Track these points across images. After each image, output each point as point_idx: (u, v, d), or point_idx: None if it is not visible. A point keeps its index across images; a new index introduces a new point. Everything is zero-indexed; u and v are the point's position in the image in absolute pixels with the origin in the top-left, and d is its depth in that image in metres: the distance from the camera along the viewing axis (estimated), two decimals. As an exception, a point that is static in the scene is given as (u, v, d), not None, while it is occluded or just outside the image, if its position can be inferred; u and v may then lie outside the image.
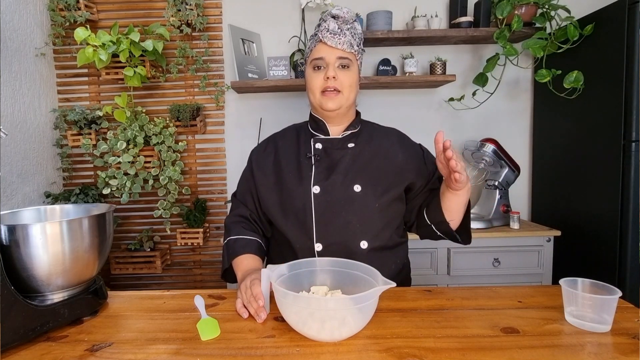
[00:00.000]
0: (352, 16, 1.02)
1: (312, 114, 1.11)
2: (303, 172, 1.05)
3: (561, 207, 1.98)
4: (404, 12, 2.14)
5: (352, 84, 1.02)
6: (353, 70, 1.02)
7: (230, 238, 1.07)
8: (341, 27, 1.00)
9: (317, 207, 1.01)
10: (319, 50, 1.01)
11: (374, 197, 1.02)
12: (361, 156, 1.06)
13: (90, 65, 2.08)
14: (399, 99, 2.21)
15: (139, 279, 2.27)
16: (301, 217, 1.02)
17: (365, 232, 1.01)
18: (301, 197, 1.02)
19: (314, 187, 1.02)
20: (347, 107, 1.04)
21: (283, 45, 2.16)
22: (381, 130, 1.15)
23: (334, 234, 1.00)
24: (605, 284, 0.77)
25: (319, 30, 1.02)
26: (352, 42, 1.01)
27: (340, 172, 1.03)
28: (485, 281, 1.88)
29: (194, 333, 0.75)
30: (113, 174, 1.94)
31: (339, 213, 1.00)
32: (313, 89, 1.03)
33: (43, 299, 0.78)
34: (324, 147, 1.08)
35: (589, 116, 1.78)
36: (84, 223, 0.80)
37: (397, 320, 0.79)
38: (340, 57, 1.00)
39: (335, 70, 1.00)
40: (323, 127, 1.09)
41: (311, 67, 1.03)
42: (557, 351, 0.67)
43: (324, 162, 1.06)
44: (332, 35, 0.99)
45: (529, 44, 1.84)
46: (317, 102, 1.04)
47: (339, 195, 1.01)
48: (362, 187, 1.02)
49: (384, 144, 1.10)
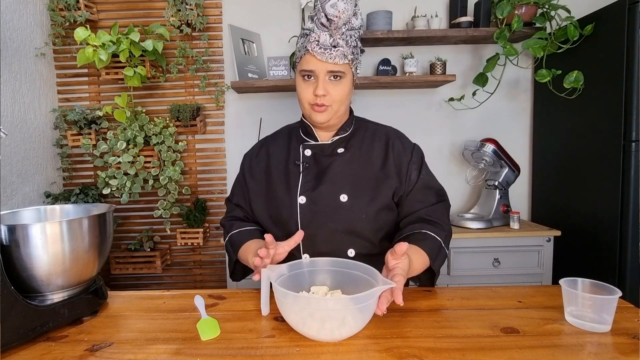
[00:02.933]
0: (350, 14, 0.91)
1: (302, 117, 1.07)
2: (291, 180, 1.03)
3: (561, 207, 1.98)
4: (404, 12, 2.14)
5: (343, 97, 0.96)
6: (345, 81, 0.96)
7: (232, 233, 1.05)
8: (334, 35, 0.91)
9: (303, 218, 0.98)
10: (308, 62, 0.93)
11: (360, 207, 0.98)
12: (350, 163, 1.02)
13: (90, 65, 2.08)
14: (399, 99, 2.21)
15: (139, 279, 2.27)
16: (288, 227, 1.00)
17: (352, 241, 0.99)
18: (288, 207, 1.00)
19: (300, 197, 0.99)
20: (338, 117, 1.00)
21: (283, 45, 2.16)
22: (375, 131, 1.09)
23: (320, 244, 0.98)
24: (605, 284, 0.77)
25: (309, 38, 0.93)
26: (346, 52, 0.93)
27: (328, 181, 1.00)
28: (485, 281, 1.88)
29: (194, 333, 0.75)
30: (113, 174, 1.94)
31: (325, 223, 0.98)
32: (302, 100, 0.98)
33: (43, 299, 0.78)
34: (313, 154, 1.05)
35: (589, 116, 1.78)
36: (84, 223, 0.80)
37: (397, 320, 0.79)
38: (332, 71, 0.93)
39: (326, 84, 0.94)
40: (312, 132, 1.05)
41: (300, 75, 0.97)
42: (557, 351, 0.67)
43: (312, 171, 1.03)
44: (322, 50, 0.91)
45: (529, 44, 1.84)
46: (307, 114, 1.00)
47: (324, 206, 0.98)
48: (348, 197, 0.98)
49: (375, 148, 1.05)
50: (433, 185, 1.06)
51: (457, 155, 2.23)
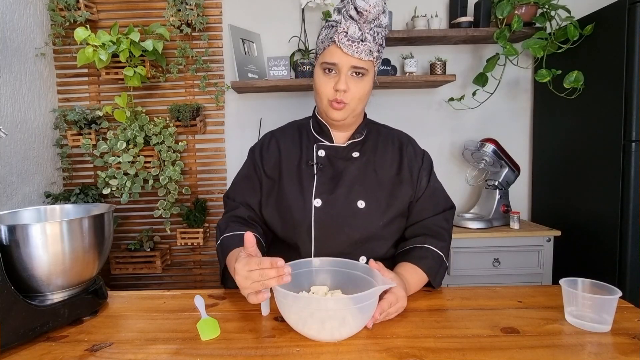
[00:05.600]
0: (380, 9, 0.87)
1: (316, 115, 1.04)
2: (304, 181, 0.98)
3: (561, 207, 1.98)
4: (404, 12, 2.14)
5: (363, 96, 0.93)
6: (367, 79, 0.92)
7: (224, 236, 0.95)
8: (363, 28, 0.87)
9: (317, 222, 0.94)
10: (333, 54, 0.89)
11: (378, 214, 0.96)
12: (366, 168, 1.00)
13: (90, 65, 2.08)
14: (399, 99, 2.21)
15: (139, 279, 2.27)
16: (299, 230, 0.96)
17: (365, 248, 0.96)
18: (301, 210, 0.96)
19: (315, 200, 0.95)
20: (354, 116, 0.97)
21: (283, 45, 2.16)
22: (387, 135, 1.07)
23: (332, 249, 0.94)
24: (605, 284, 0.77)
25: (336, 28, 0.89)
26: (372, 48, 0.89)
27: (345, 185, 0.97)
28: (485, 281, 1.88)
29: (194, 333, 0.75)
30: (113, 174, 1.94)
31: (341, 229, 0.94)
32: (320, 95, 0.94)
33: (43, 299, 0.78)
34: (327, 155, 1.01)
35: (589, 116, 1.78)
36: (84, 223, 0.80)
37: (397, 320, 0.79)
38: (355, 67, 0.89)
39: (348, 80, 0.90)
40: (327, 132, 1.02)
41: (321, 68, 0.93)
42: (557, 351, 0.67)
43: (327, 173, 0.99)
44: (350, 42, 0.87)
45: (529, 44, 1.84)
46: (324, 109, 0.96)
47: (341, 211, 0.95)
48: (366, 203, 0.96)
49: (388, 152, 1.03)
50: (440, 193, 1.06)
51: (457, 155, 2.23)
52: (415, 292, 0.93)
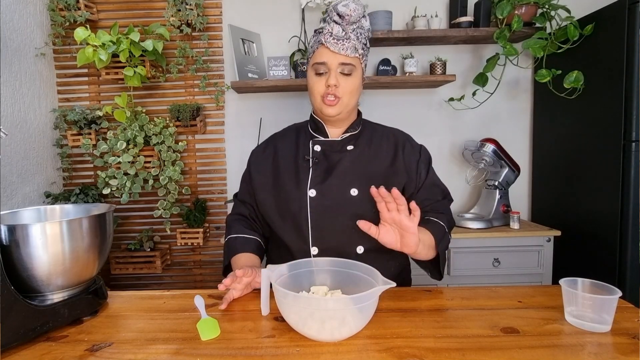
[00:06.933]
0: (360, 13, 0.97)
1: (312, 114, 1.11)
2: (300, 174, 1.05)
3: (561, 207, 1.98)
4: (404, 12, 2.14)
5: (354, 90, 1.01)
6: (356, 75, 1.00)
7: (231, 236, 1.09)
8: (346, 29, 0.97)
9: (313, 211, 1.00)
10: (321, 55, 0.98)
11: (371, 202, 0.97)
12: (359, 159, 1.05)
13: (90, 65, 2.08)
14: (399, 99, 2.21)
15: (139, 279, 2.27)
16: (297, 220, 1.01)
17: (361, 236, 0.97)
18: (297, 201, 1.02)
19: (310, 191, 1.01)
20: (348, 111, 1.03)
21: (283, 45, 2.16)
22: (382, 132, 1.12)
23: (329, 238, 1.00)
24: (605, 284, 0.77)
25: (322, 32, 0.99)
26: (357, 45, 0.98)
27: (338, 176, 1.02)
28: (485, 281, 1.88)
29: (194, 333, 0.75)
30: (113, 174, 1.94)
31: (336, 217, 1.00)
32: (314, 93, 1.02)
33: (43, 299, 0.78)
34: (323, 149, 1.07)
35: (589, 116, 1.78)
36: (84, 223, 0.80)
37: (397, 320, 0.79)
38: (343, 63, 0.97)
39: (337, 76, 0.98)
40: (322, 128, 1.08)
41: (313, 70, 1.01)
42: (557, 351, 0.67)
43: (322, 165, 1.05)
44: (335, 40, 0.96)
45: (529, 44, 1.84)
46: (318, 107, 1.03)
47: (335, 199, 1.00)
48: (359, 191, 1.01)
49: (383, 146, 1.08)
50: (439, 184, 1.11)
51: (457, 155, 2.23)
52: (415, 292, 0.93)
